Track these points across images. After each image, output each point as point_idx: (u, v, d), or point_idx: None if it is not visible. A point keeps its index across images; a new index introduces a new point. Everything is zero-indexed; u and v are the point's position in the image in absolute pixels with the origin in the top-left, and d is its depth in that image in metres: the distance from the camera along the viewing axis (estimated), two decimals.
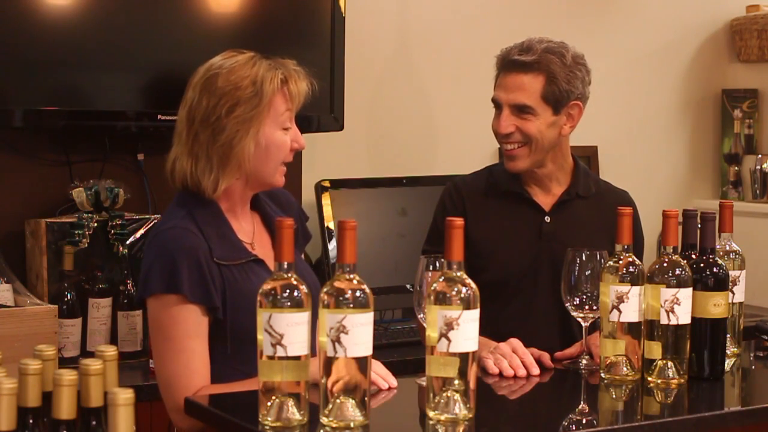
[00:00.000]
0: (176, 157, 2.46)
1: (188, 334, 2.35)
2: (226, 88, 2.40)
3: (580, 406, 2.41)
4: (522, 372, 2.51)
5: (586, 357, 2.58)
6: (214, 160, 2.41)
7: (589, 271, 2.54)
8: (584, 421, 2.27)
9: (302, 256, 2.69)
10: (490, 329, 2.60)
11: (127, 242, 3.27)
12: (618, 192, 2.97)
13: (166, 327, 2.36)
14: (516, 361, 2.52)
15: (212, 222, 2.42)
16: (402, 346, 3.52)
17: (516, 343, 2.56)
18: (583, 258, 2.54)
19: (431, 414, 2.08)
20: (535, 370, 2.52)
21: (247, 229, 2.51)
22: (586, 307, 2.55)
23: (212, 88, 2.41)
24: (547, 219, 2.85)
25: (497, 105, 2.82)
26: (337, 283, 2.01)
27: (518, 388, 2.48)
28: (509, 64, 2.79)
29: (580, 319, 2.57)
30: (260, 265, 2.45)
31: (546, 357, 2.58)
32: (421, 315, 2.32)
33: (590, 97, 2.91)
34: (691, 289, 2.43)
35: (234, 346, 2.39)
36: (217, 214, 2.44)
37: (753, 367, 2.78)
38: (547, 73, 2.77)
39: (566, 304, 2.57)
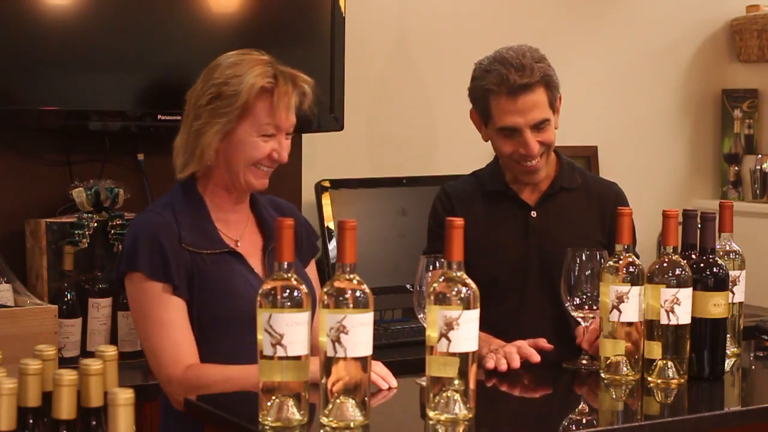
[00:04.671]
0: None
1: (164, 307, 2.42)
2: (217, 80, 2.46)
3: (580, 406, 2.41)
4: (516, 364, 2.52)
5: (586, 357, 2.57)
6: (189, 143, 2.49)
7: (589, 271, 2.54)
8: (584, 421, 2.27)
9: (311, 268, 2.69)
10: (484, 327, 2.60)
11: None
12: (605, 183, 2.98)
13: (141, 302, 2.44)
14: (515, 356, 2.53)
15: (189, 213, 2.49)
16: (402, 346, 3.51)
17: (521, 344, 2.57)
18: (583, 258, 2.54)
19: (431, 414, 2.08)
20: (536, 358, 2.53)
21: (236, 226, 2.56)
22: (586, 307, 2.54)
23: (209, 77, 2.49)
24: (533, 214, 2.86)
25: (512, 131, 2.79)
26: (337, 283, 2.01)
27: (518, 387, 2.49)
28: (516, 89, 2.75)
29: (580, 319, 2.57)
30: (237, 258, 2.50)
31: (542, 341, 2.61)
32: (422, 315, 2.32)
33: (590, 97, 2.92)
34: (691, 289, 2.43)
35: (200, 331, 2.45)
36: (197, 206, 2.51)
37: (753, 367, 2.78)
38: (545, 83, 2.79)
39: (566, 305, 2.57)
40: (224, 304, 2.45)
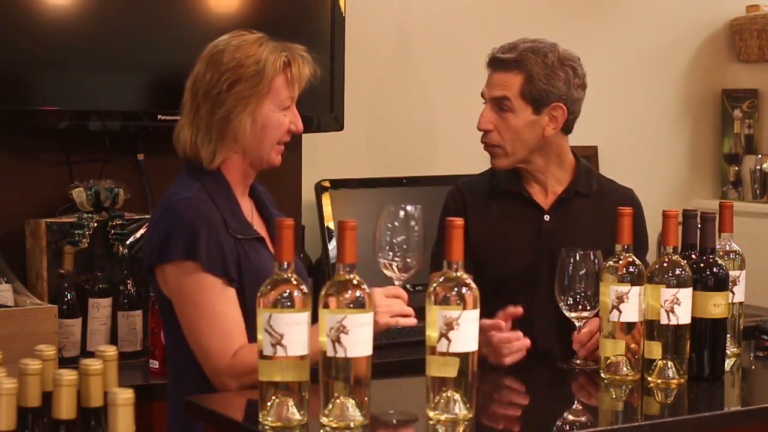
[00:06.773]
0: (181, 126, 2.53)
1: (217, 299, 2.38)
2: (230, 64, 2.47)
3: (580, 407, 2.41)
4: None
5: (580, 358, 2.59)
6: (213, 132, 2.48)
7: (583, 271, 2.55)
8: (584, 421, 2.27)
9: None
10: None
11: (127, 242, 3.27)
12: (621, 190, 2.96)
13: (192, 292, 2.39)
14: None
15: (223, 195, 2.49)
16: (402, 346, 3.51)
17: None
18: (577, 258, 2.56)
19: (431, 414, 2.08)
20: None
21: (248, 212, 2.57)
22: (580, 307, 2.55)
23: (217, 63, 2.49)
24: (547, 218, 2.85)
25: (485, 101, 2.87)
26: (336, 284, 2.01)
27: (518, 387, 2.49)
28: (493, 62, 2.85)
29: (574, 320, 2.58)
30: (262, 243, 2.51)
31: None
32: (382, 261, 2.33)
33: (590, 97, 2.91)
34: (691, 289, 2.43)
35: (246, 318, 2.41)
36: (226, 190, 2.51)
37: (753, 367, 2.79)
38: (526, 73, 2.80)
39: (560, 304, 2.58)
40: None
